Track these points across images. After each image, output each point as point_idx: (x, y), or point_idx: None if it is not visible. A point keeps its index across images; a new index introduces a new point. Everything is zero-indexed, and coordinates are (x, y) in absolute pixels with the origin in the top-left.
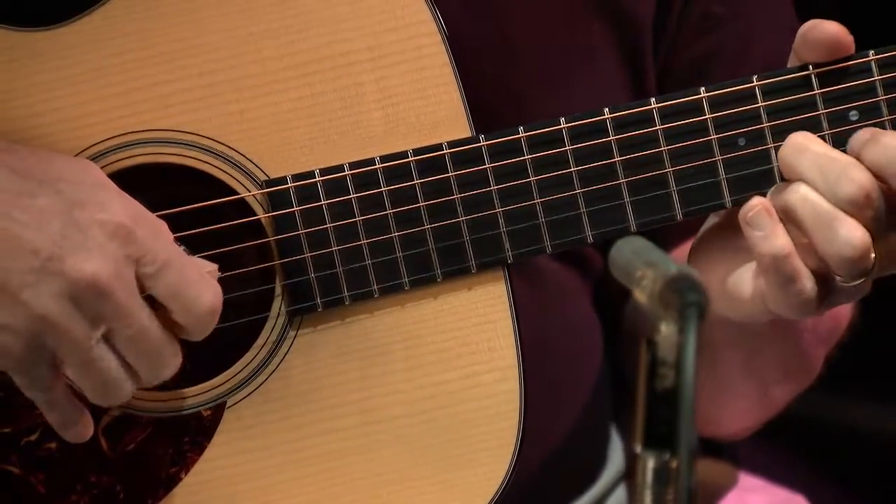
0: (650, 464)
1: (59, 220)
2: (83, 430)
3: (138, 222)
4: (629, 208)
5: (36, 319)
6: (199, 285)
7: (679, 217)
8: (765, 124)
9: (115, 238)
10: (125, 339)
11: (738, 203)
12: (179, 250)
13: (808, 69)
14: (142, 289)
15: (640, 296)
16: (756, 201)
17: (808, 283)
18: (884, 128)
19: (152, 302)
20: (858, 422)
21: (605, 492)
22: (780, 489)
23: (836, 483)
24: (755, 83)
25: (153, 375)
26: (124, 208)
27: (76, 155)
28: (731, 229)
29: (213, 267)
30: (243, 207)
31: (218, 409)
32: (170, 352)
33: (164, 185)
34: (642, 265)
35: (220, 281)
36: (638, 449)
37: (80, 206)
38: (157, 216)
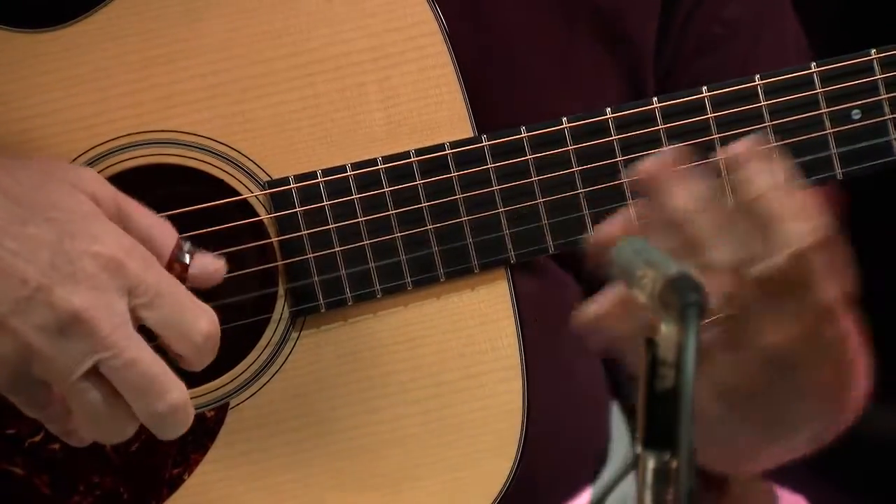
0: (650, 464)
1: (50, 249)
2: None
3: (130, 254)
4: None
5: (22, 348)
6: (193, 312)
7: None
8: (767, 123)
9: (106, 270)
10: (113, 370)
11: None
12: (173, 278)
13: (810, 68)
14: (137, 320)
15: (640, 296)
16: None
17: None
18: (885, 127)
19: (150, 334)
20: (858, 422)
21: (607, 489)
22: (780, 489)
23: (836, 483)
24: (758, 82)
25: (148, 409)
26: (116, 240)
27: (78, 157)
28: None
29: (221, 263)
30: (245, 208)
31: (221, 411)
32: (163, 384)
33: (166, 186)
34: (643, 265)
35: (223, 282)
36: (638, 449)
37: (72, 236)
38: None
